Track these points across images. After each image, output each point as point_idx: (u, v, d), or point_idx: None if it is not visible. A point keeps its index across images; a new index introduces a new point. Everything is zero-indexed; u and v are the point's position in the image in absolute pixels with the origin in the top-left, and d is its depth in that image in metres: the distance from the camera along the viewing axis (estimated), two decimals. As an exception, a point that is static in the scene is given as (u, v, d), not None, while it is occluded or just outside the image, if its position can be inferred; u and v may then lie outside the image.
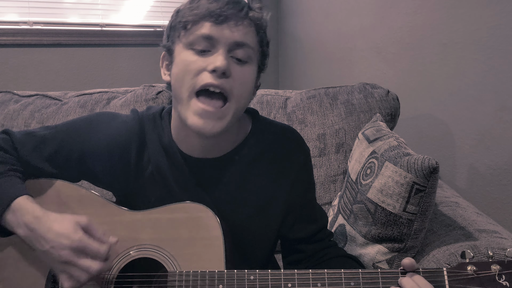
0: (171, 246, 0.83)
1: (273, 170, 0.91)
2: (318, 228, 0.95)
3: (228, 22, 0.77)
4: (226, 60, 0.77)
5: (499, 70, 1.28)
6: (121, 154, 0.87)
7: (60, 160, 0.88)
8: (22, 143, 0.87)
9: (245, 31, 0.79)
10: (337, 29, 2.06)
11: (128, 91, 1.51)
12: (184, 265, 0.82)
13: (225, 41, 0.78)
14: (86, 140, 0.87)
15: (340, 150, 1.41)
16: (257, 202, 0.90)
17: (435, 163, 0.94)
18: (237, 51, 0.79)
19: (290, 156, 0.92)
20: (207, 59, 0.78)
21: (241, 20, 0.78)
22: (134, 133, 0.88)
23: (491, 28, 1.29)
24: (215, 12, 0.77)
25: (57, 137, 0.88)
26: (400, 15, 1.65)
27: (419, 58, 1.57)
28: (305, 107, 1.46)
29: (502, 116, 1.28)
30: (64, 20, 2.22)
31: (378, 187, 1.03)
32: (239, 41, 0.78)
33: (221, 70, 0.76)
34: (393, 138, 1.13)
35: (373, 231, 1.04)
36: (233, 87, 0.78)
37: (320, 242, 0.95)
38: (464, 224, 1.04)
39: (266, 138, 0.91)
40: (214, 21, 0.77)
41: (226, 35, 0.77)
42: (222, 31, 0.77)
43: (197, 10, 0.78)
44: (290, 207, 0.93)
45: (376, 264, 1.04)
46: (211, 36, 0.77)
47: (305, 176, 0.95)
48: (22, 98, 1.50)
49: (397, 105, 1.45)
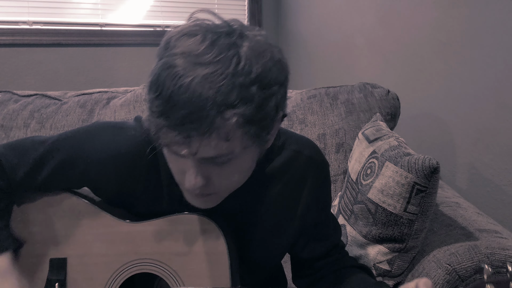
0: (173, 261, 0.79)
1: (289, 189, 0.84)
2: (331, 245, 0.90)
3: (186, 147, 0.61)
4: (198, 176, 0.64)
5: (499, 70, 1.28)
6: (129, 173, 0.79)
7: (59, 178, 0.80)
8: (13, 168, 0.78)
9: (213, 145, 0.60)
10: (337, 29, 2.05)
11: (128, 91, 1.51)
12: (187, 281, 0.78)
13: (192, 158, 0.63)
14: (90, 156, 0.78)
15: (340, 150, 1.41)
16: (270, 223, 0.84)
17: (435, 163, 0.94)
18: (212, 160, 0.63)
19: (308, 175, 0.84)
20: (181, 163, 0.66)
21: (203, 140, 0.59)
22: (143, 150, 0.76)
23: (491, 28, 1.29)
24: (167, 134, 0.61)
25: (58, 153, 0.79)
26: (400, 15, 1.65)
27: (419, 58, 1.57)
28: (305, 107, 1.46)
29: (503, 115, 1.28)
30: (64, 20, 2.22)
31: (379, 187, 1.02)
32: (207, 157, 0.62)
33: (193, 191, 0.67)
34: (393, 138, 1.13)
35: (373, 231, 1.04)
36: (217, 186, 0.68)
37: (332, 257, 0.90)
38: (465, 224, 1.03)
39: (283, 155, 0.83)
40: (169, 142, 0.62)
41: (189, 154, 0.62)
42: (182, 150, 0.62)
43: (152, 118, 0.61)
44: (304, 227, 0.87)
45: (377, 264, 1.04)
46: (174, 150, 0.63)
47: (323, 194, 0.89)
48: (21, 98, 1.49)
49: (397, 104, 1.45)
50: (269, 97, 0.62)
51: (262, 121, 0.63)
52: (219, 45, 0.60)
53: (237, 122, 0.59)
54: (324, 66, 2.20)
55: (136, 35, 2.33)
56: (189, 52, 0.59)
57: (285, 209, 0.85)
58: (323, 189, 0.88)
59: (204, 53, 0.59)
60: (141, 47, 2.32)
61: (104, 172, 0.79)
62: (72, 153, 0.79)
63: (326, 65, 2.18)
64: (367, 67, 1.87)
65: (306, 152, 0.85)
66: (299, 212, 0.85)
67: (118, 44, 2.31)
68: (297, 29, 2.43)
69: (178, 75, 0.58)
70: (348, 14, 1.96)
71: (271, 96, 0.62)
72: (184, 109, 0.58)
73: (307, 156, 0.85)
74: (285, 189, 0.84)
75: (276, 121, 0.68)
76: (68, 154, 0.79)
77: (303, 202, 0.85)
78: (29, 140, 0.81)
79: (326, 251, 0.89)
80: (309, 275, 0.91)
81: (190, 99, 0.57)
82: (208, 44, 0.60)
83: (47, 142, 0.80)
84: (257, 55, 0.61)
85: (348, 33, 1.97)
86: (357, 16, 1.90)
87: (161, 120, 0.60)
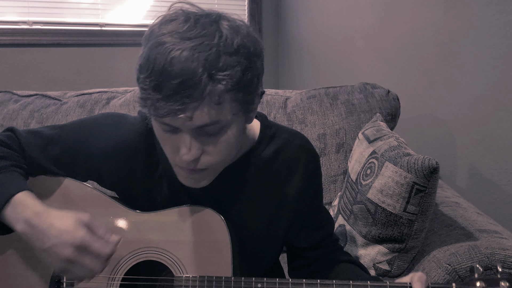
0: (177, 250, 0.82)
1: (281, 177, 0.88)
2: (324, 235, 0.94)
3: (181, 113, 0.65)
4: (192, 148, 0.69)
5: (500, 70, 1.28)
6: (129, 157, 0.85)
7: (66, 161, 0.86)
8: (28, 142, 0.85)
9: (206, 112, 0.66)
10: (337, 29, 2.05)
11: (128, 91, 1.51)
12: (190, 269, 0.81)
13: (186, 128, 0.68)
14: (93, 141, 0.85)
15: (340, 150, 1.41)
16: (265, 210, 0.88)
17: (435, 163, 0.94)
18: (205, 129, 0.69)
19: (298, 164, 0.88)
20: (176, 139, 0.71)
21: (197, 106, 0.65)
22: (142, 136, 0.85)
23: (491, 28, 1.29)
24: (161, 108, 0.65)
25: (64, 137, 0.86)
26: (400, 15, 1.65)
27: (420, 58, 1.57)
28: (305, 107, 1.46)
29: (503, 116, 1.28)
30: (64, 20, 2.22)
31: (378, 188, 1.02)
32: (202, 125, 0.67)
33: (187, 164, 0.71)
34: (393, 138, 1.13)
35: (373, 231, 1.04)
36: (208, 160, 0.72)
37: (326, 248, 0.94)
38: (465, 224, 1.03)
39: (274, 144, 0.88)
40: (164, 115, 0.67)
41: (184, 123, 0.67)
42: (178, 121, 0.67)
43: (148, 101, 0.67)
44: (297, 215, 0.91)
45: (377, 264, 1.04)
46: (169, 124, 0.69)
47: (314, 183, 0.92)
48: (21, 98, 1.50)
49: (398, 105, 1.45)
50: (250, 66, 0.69)
51: (247, 87, 0.69)
52: (202, 23, 0.67)
53: (226, 85, 0.66)
54: (324, 66, 2.20)
55: (136, 35, 2.33)
56: (175, 31, 0.66)
57: (279, 195, 0.88)
58: (314, 177, 0.92)
59: (189, 30, 0.66)
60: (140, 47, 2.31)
61: (105, 155, 0.84)
62: (77, 139, 0.86)
63: (326, 65, 2.18)
64: (367, 68, 1.87)
65: (297, 141, 0.90)
66: (291, 198, 0.89)
67: (118, 44, 2.31)
68: (297, 30, 2.43)
69: (168, 50, 0.64)
70: (348, 14, 1.96)
71: (252, 65, 0.70)
72: (177, 78, 0.63)
73: (297, 144, 0.89)
74: (276, 176, 0.88)
75: (257, 95, 0.75)
76: (72, 140, 0.86)
77: (295, 188, 0.89)
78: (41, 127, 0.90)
79: (320, 240, 0.93)
80: (304, 266, 0.94)
81: (182, 69, 0.63)
82: (192, 23, 0.67)
83: (56, 126, 0.88)
84: (236, 31, 0.68)
85: (348, 34, 1.97)
86: (357, 16, 1.90)
87: (156, 94, 0.65)
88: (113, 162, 0.85)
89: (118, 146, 0.84)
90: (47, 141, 0.86)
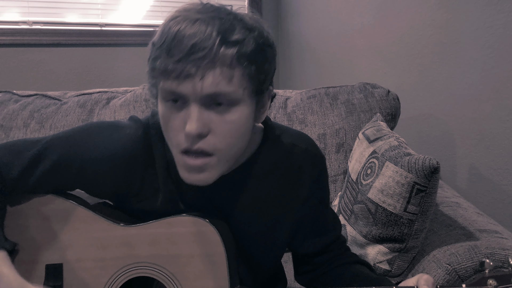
0: (170, 264, 0.78)
1: (285, 183, 0.84)
2: (330, 240, 0.89)
3: (192, 77, 0.64)
4: (199, 121, 0.66)
5: (499, 70, 1.28)
6: (126, 170, 0.79)
7: (54, 177, 0.79)
8: (9, 168, 0.77)
9: (217, 80, 0.65)
10: (337, 29, 2.05)
11: (128, 91, 1.51)
12: (185, 284, 0.77)
13: (194, 97, 0.66)
14: (86, 154, 0.78)
15: (341, 150, 1.41)
16: (268, 216, 0.84)
17: (435, 163, 0.94)
18: (214, 99, 0.67)
19: (304, 168, 0.84)
20: (183, 116, 0.68)
21: (209, 69, 0.64)
22: (139, 147, 0.79)
23: (491, 28, 1.29)
24: (172, 70, 0.65)
25: (53, 152, 0.78)
26: (400, 15, 1.65)
27: (419, 58, 1.57)
28: (305, 107, 1.46)
29: (503, 116, 1.28)
30: (64, 20, 2.22)
31: (379, 187, 1.02)
32: (211, 94, 0.66)
33: (193, 136, 0.67)
34: (393, 138, 1.13)
35: (373, 231, 1.04)
36: (214, 142, 0.69)
37: (332, 252, 0.90)
38: (465, 224, 1.03)
39: (278, 149, 0.84)
40: (176, 78, 0.66)
41: (193, 90, 0.65)
42: (187, 86, 0.65)
43: (159, 65, 0.67)
44: (302, 222, 0.87)
45: (377, 264, 1.04)
46: (178, 93, 0.67)
47: (320, 188, 0.88)
48: (21, 98, 1.49)
49: (398, 105, 1.45)
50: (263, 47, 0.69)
51: (259, 65, 0.69)
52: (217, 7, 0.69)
53: (238, 52, 0.65)
54: (324, 66, 2.20)
55: (136, 35, 2.33)
56: (190, 8, 0.68)
57: (282, 202, 0.84)
58: (320, 182, 0.88)
59: (204, 7, 0.68)
60: (141, 47, 2.30)
61: (101, 170, 0.79)
62: (68, 152, 0.78)
63: (326, 65, 2.18)
64: (367, 67, 1.87)
65: (302, 145, 0.85)
66: (296, 205, 0.85)
67: (118, 44, 2.30)
68: (297, 29, 2.43)
69: (182, 20, 0.66)
70: (348, 14, 1.96)
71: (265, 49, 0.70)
72: (190, 40, 0.64)
73: (303, 148, 0.85)
74: (281, 182, 0.84)
75: (268, 90, 0.75)
76: (64, 153, 0.78)
77: (300, 195, 0.85)
78: (22, 140, 0.81)
79: (326, 246, 0.89)
80: (310, 271, 0.91)
81: (195, 33, 0.64)
82: (208, 4, 0.69)
83: (41, 142, 0.80)
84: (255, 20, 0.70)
85: (348, 33, 1.97)
86: (357, 16, 1.90)
87: (168, 58, 0.65)
88: (109, 175, 0.79)
89: (115, 159, 0.79)
90: (32, 162, 0.78)
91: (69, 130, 0.83)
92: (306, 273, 0.92)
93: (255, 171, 0.82)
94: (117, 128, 0.81)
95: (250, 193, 0.82)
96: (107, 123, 0.84)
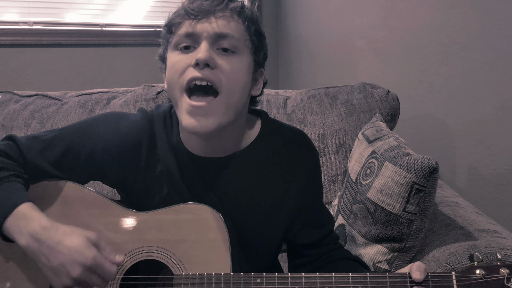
0: (176, 248, 0.83)
1: (281, 174, 0.89)
2: (325, 233, 0.94)
3: (207, 16, 0.77)
4: (208, 51, 0.76)
5: (499, 70, 1.28)
6: (131, 154, 0.86)
7: (68, 162, 0.86)
8: (28, 148, 0.85)
9: (226, 22, 0.78)
10: (337, 29, 2.06)
11: (128, 91, 1.51)
12: (190, 267, 0.81)
13: (206, 35, 0.77)
14: (95, 139, 0.86)
15: (340, 150, 1.41)
16: (264, 205, 0.89)
17: (434, 163, 0.94)
18: (221, 42, 0.78)
19: (299, 161, 0.90)
20: (191, 55, 0.78)
21: (221, 11, 0.78)
22: (144, 133, 0.87)
23: (491, 28, 1.29)
24: (193, 9, 0.78)
25: (65, 138, 0.86)
26: (400, 15, 1.65)
27: (419, 58, 1.57)
28: (305, 107, 1.46)
29: (502, 116, 1.28)
30: (64, 20, 2.22)
31: (378, 187, 1.03)
32: (221, 33, 0.78)
33: (203, 61, 0.75)
34: (393, 138, 1.13)
35: (372, 231, 1.04)
36: (221, 78, 0.77)
37: (326, 246, 0.94)
38: (464, 224, 1.04)
39: (275, 141, 0.89)
40: (193, 18, 0.78)
41: (206, 28, 0.77)
42: (202, 25, 0.77)
43: (178, 12, 0.80)
44: (298, 212, 0.91)
45: (376, 264, 1.05)
46: (192, 32, 0.78)
47: (314, 181, 0.93)
48: (22, 98, 1.50)
49: (397, 105, 1.45)
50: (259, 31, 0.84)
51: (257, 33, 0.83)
52: None
53: (241, 9, 0.81)
54: (324, 66, 2.20)
55: (136, 35, 2.33)
56: None
57: (278, 191, 0.89)
58: (315, 175, 0.93)
59: None
60: (141, 47, 2.32)
61: (108, 153, 0.85)
62: (78, 138, 0.86)
63: (326, 65, 2.18)
64: (367, 68, 1.87)
65: (298, 138, 0.92)
66: (292, 196, 0.89)
67: (118, 44, 2.31)
68: (297, 29, 2.43)
69: None
70: (348, 14, 1.96)
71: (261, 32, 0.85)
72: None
73: (298, 141, 0.91)
74: (278, 172, 0.88)
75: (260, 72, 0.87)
76: (74, 139, 0.86)
77: (296, 186, 0.89)
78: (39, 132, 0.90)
79: (320, 238, 0.93)
80: (304, 264, 0.94)
81: None
82: None
83: (56, 130, 0.89)
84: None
85: (347, 34, 1.97)
86: (357, 16, 1.90)
87: (188, 4, 0.79)
88: (116, 159, 0.86)
89: (121, 143, 0.85)
90: (47, 145, 0.85)
91: (82, 120, 0.92)
92: (302, 266, 0.95)
93: (252, 159, 0.87)
94: (124, 117, 0.89)
95: (249, 178, 0.87)
96: (114, 113, 0.92)
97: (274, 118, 0.94)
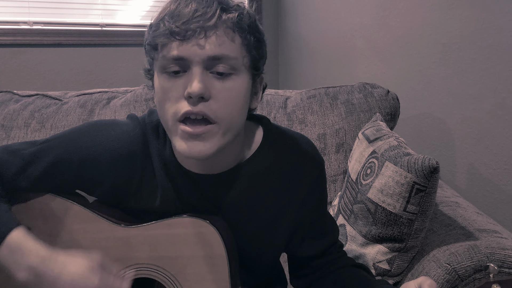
0: (171, 265, 0.77)
1: (284, 185, 0.83)
2: (328, 243, 0.89)
3: (196, 37, 0.67)
4: (201, 82, 0.67)
5: (499, 70, 1.28)
6: (124, 168, 0.79)
7: (52, 178, 0.79)
8: (7, 166, 0.77)
9: (219, 42, 0.68)
10: (337, 29, 2.06)
11: (128, 91, 1.51)
12: (186, 285, 0.77)
13: (198, 59, 0.68)
14: (84, 154, 0.78)
15: (340, 150, 1.41)
16: (266, 217, 0.84)
17: (435, 163, 0.94)
18: (215, 65, 0.69)
19: (303, 171, 0.84)
20: (182, 83, 0.69)
21: (212, 30, 0.67)
22: (137, 145, 0.79)
23: (490, 28, 1.29)
24: (179, 27, 0.67)
25: (50, 152, 0.78)
26: (400, 15, 1.65)
27: (419, 58, 1.58)
28: (305, 107, 1.46)
29: (502, 115, 1.29)
30: (64, 20, 2.22)
31: (378, 187, 1.03)
32: (214, 55, 0.68)
33: (196, 96, 0.67)
34: (393, 138, 1.13)
35: (373, 231, 1.04)
36: (216, 108, 0.69)
37: (330, 255, 0.90)
38: (464, 224, 1.04)
39: (277, 150, 0.83)
40: (180, 39, 0.67)
41: (197, 52, 0.67)
42: (192, 48, 0.67)
43: (162, 29, 0.69)
44: (300, 224, 0.87)
45: (377, 264, 1.05)
46: (181, 56, 0.68)
47: (318, 191, 0.88)
48: (22, 98, 1.50)
49: (397, 104, 1.45)
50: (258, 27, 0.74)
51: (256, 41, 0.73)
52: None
53: (238, 19, 0.69)
54: (324, 66, 2.20)
55: (136, 35, 2.33)
56: None
57: (280, 203, 0.84)
58: (318, 184, 0.87)
59: None
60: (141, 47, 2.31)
61: (99, 169, 0.78)
62: (66, 151, 0.78)
63: (326, 65, 2.19)
64: (367, 67, 1.87)
65: (302, 146, 0.85)
66: (294, 207, 0.85)
67: (118, 44, 2.31)
68: (297, 29, 2.43)
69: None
70: (348, 14, 1.96)
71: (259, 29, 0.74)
72: (192, 7, 0.67)
73: (302, 150, 0.85)
74: (280, 183, 0.83)
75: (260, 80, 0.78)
76: (62, 152, 0.78)
77: (299, 196, 0.84)
78: (20, 143, 0.82)
79: (323, 250, 0.89)
80: (307, 274, 0.90)
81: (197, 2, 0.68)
82: None
83: (38, 142, 0.80)
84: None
85: (348, 33, 1.97)
86: (357, 16, 1.90)
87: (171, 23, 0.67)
88: (107, 173, 0.79)
89: (113, 156, 0.78)
90: (29, 161, 0.78)
91: (66, 130, 0.83)
92: (304, 276, 0.91)
93: (253, 171, 0.82)
94: (114, 126, 0.81)
95: (248, 192, 0.82)
96: (104, 121, 0.84)
97: (276, 124, 0.87)
